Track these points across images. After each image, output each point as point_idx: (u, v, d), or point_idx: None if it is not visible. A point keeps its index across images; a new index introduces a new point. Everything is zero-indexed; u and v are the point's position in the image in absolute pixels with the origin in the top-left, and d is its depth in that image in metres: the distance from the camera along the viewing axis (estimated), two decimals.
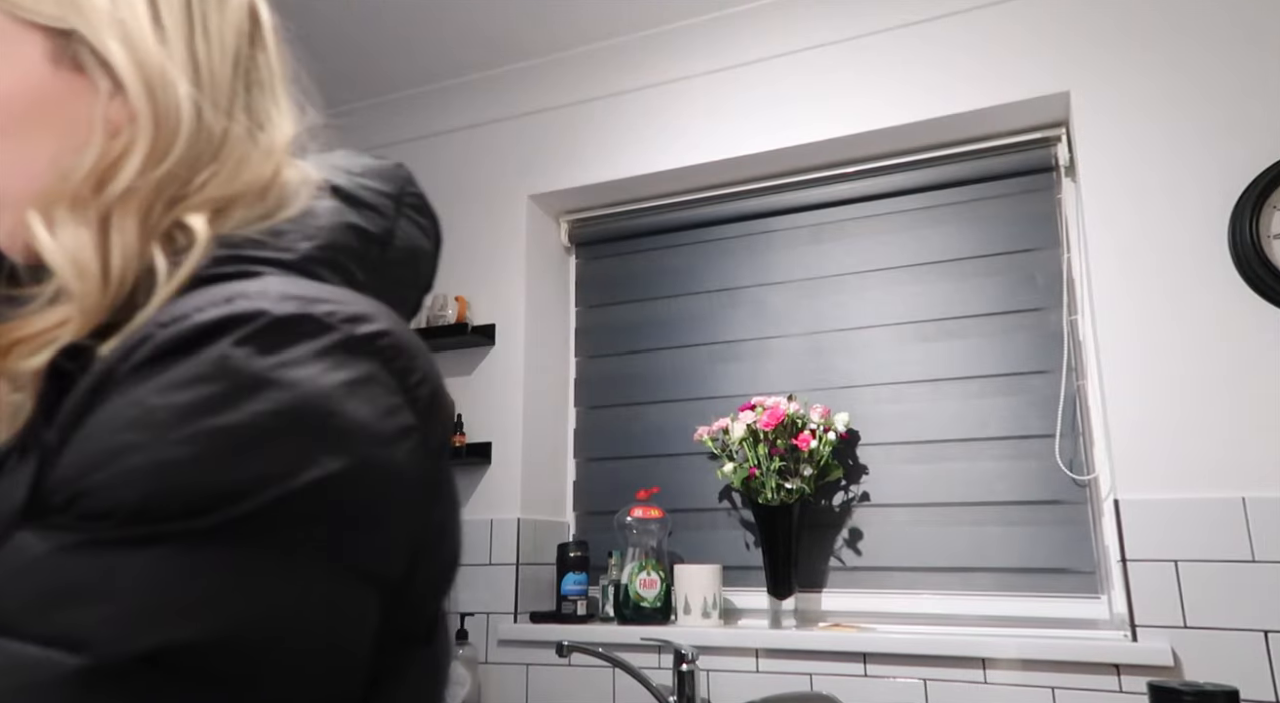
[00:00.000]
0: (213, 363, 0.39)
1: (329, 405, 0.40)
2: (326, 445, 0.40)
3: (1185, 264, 1.59)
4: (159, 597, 0.36)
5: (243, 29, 0.56)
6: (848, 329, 1.99)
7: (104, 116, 0.50)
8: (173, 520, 0.37)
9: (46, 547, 0.37)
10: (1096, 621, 1.67)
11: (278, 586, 0.38)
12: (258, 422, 0.39)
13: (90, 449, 0.39)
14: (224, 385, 0.39)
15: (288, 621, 0.38)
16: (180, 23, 0.52)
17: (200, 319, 0.40)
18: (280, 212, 0.51)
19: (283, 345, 0.40)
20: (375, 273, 0.54)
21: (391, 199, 0.58)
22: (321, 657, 0.39)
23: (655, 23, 2.13)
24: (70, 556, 0.37)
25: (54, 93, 0.51)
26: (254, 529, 0.38)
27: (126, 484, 0.37)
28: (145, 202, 0.49)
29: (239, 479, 0.38)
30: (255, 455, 0.38)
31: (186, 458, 0.37)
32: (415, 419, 0.45)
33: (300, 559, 0.38)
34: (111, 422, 0.39)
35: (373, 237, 0.55)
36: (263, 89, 0.56)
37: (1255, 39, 1.61)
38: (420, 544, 0.45)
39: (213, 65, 0.53)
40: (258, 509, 0.38)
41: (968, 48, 1.84)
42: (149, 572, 0.36)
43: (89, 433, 0.39)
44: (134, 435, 0.38)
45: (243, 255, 0.48)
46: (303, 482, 0.39)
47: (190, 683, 0.35)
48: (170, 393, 0.39)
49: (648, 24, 2.13)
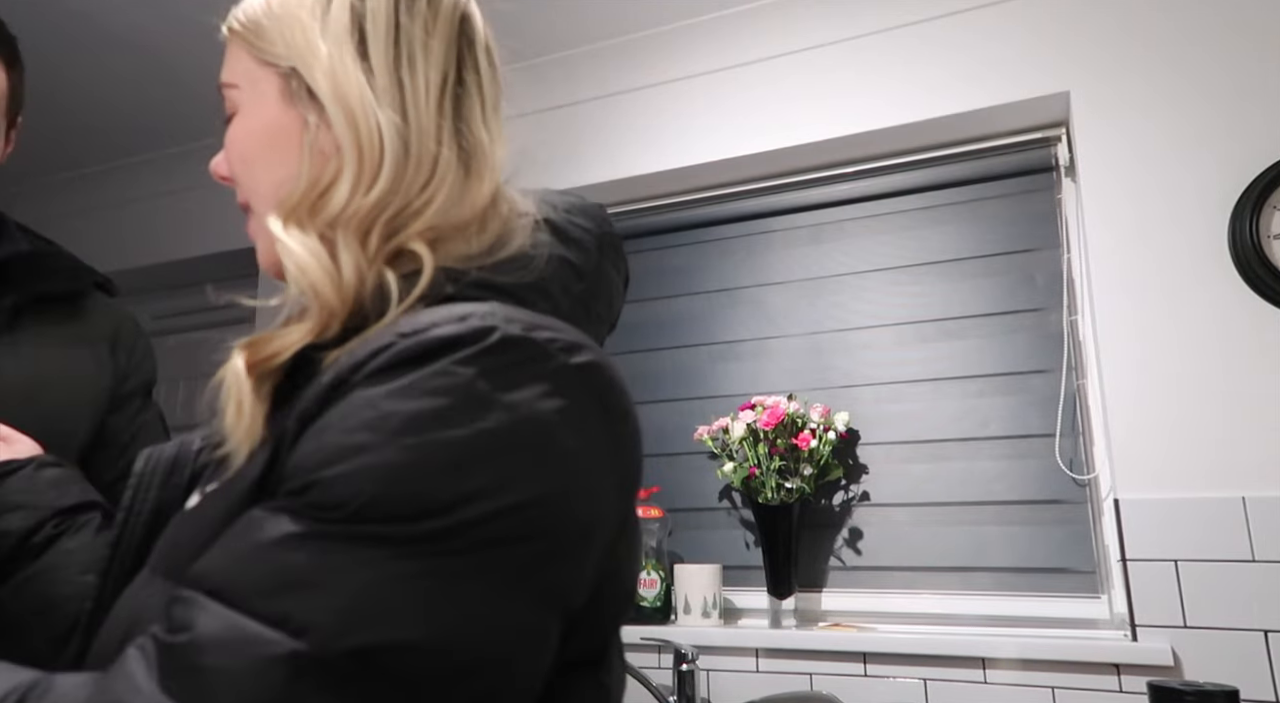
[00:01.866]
0: (444, 376, 0.42)
1: (544, 432, 0.42)
2: (538, 470, 0.42)
3: (1185, 264, 1.59)
4: (376, 597, 0.38)
5: (451, 55, 0.58)
6: (847, 329, 1.99)
7: (315, 145, 0.55)
8: (393, 522, 0.39)
9: (281, 532, 0.40)
10: (1096, 620, 1.67)
11: (479, 599, 0.40)
12: (478, 440, 0.41)
13: (328, 443, 0.41)
14: (452, 400, 0.41)
15: (484, 633, 0.40)
16: (386, 55, 0.55)
17: (438, 333, 0.43)
18: (501, 248, 0.54)
19: (507, 368, 0.43)
20: (578, 305, 0.57)
21: (594, 236, 0.61)
22: (505, 672, 0.41)
23: (655, 23, 2.13)
24: (300, 545, 0.39)
25: (285, 125, 0.56)
26: (464, 542, 0.40)
27: (356, 482, 0.40)
28: (363, 225, 0.52)
29: (455, 491, 0.40)
30: (472, 471, 0.40)
31: (412, 465, 0.40)
32: (618, 454, 0.47)
33: (501, 576, 0.40)
34: (349, 420, 0.42)
35: (579, 270, 0.58)
36: (473, 114, 0.58)
37: (1255, 39, 1.61)
38: (604, 574, 0.47)
39: (418, 94, 0.55)
40: (468, 522, 0.40)
41: (968, 48, 1.84)
42: (371, 571, 0.38)
43: (327, 426, 0.42)
44: (368, 437, 0.40)
45: (469, 280, 0.51)
46: (512, 501, 0.41)
47: (386, 682, 0.37)
48: (404, 400, 0.41)
49: (647, 24, 2.13)
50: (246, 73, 0.59)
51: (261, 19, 0.58)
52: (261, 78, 0.58)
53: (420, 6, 0.57)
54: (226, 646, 0.37)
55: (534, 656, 0.42)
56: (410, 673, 0.38)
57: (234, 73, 0.60)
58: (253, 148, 0.58)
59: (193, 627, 0.38)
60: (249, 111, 0.58)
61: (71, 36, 2.16)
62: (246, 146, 0.59)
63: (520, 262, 0.53)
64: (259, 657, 0.37)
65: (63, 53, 2.22)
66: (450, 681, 0.39)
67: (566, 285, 0.56)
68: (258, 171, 0.58)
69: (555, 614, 0.43)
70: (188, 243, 2.66)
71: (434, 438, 0.40)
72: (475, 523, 0.40)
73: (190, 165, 2.70)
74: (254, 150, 0.58)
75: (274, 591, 0.38)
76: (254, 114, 0.58)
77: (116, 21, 2.10)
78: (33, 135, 2.64)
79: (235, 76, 0.60)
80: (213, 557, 0.42)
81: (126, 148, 2.75)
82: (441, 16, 0.58)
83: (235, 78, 0.59)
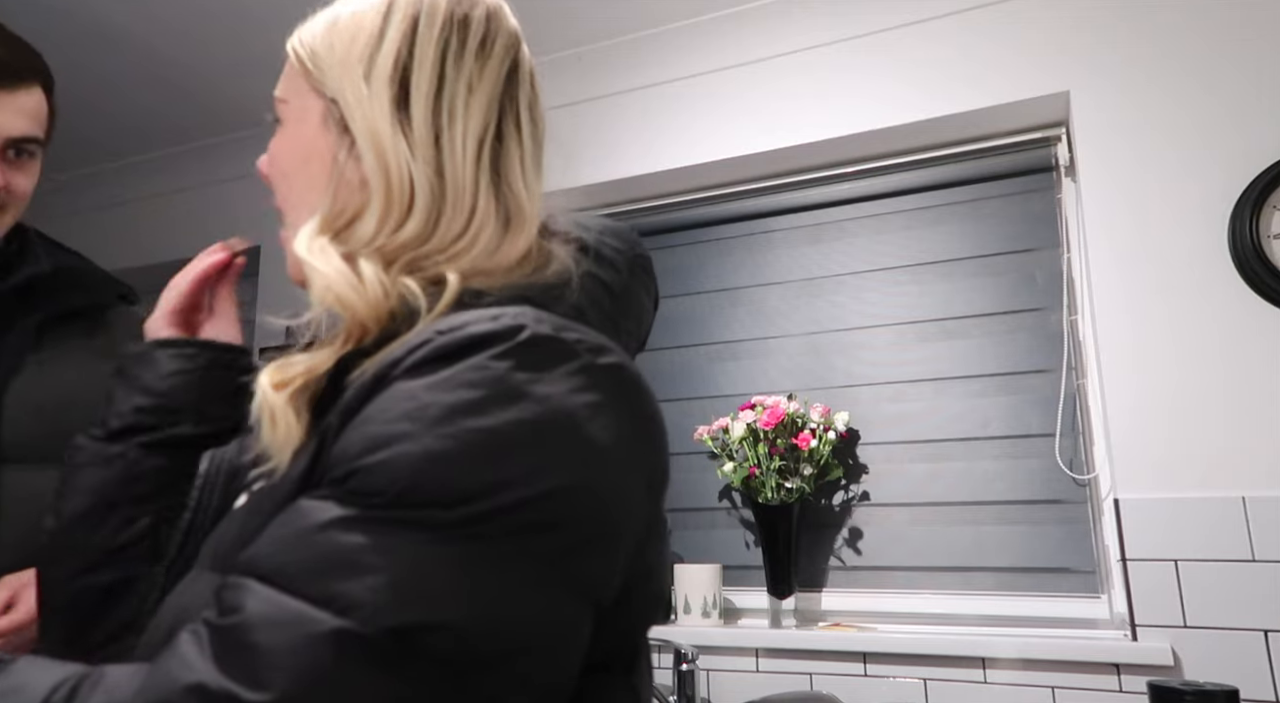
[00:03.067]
0: (479, 370, 0.44)
1: (573, 424, 0.44)
2: (569, 460, 0.44)
3: (1185, 264, 1.59)
4: (418, 578, 0.40)
5: (493, 111, 0.60)
6: (847, 329, 1.99)
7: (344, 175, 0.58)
8: (432, 507, 0.41)
9: (325, 517, 0.42)
10: (1096, 620, 1.67)
11: (513, 583, 0.42)
12: (511, 429, 0.43)
13: (369, 433, 0.44)
14: (486, 392, 0.43)
15: (517, 617, 0.41)
16: (426, 107, 0.57)
17: (473, 330, 0.45)
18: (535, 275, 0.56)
19: (539, 363, 0.45)
20: (608, 321, 0.59)
21: (626, 258, 0.63)
22: (537, 657, 0.43)
23: (654, 23, 2.13)
24: (344, 529, 0.41)
25: (320, 150, 0.60)
26: (497, 527, 0.42)
27: (396, 469, 0.42)
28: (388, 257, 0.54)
29: (490, 479, 0.42)
30: (506, 459, 0.42)
31: (449, 452, 0.42)
32: (645, 453, 0.49)
33: (534, 563, 0.42)
34: (388, 411, 0.44)
35: (609, 289, 0.61)
36: (511, 168, 0.60)
37: (1255, 38, 1.61)
38: (635, 575, 0.49)
39: (455, 148, 0.57)
40: (502, 508, 0.41)
41: (967, 48, 1.84)
42: (410, 553, 0.40)
43: (369, 418, 0.44)
44: (407, 426, 0.43)
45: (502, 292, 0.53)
46: (543, 489, 0.42)
47: (426, 660, 0.39)
48: (441, 392, 0.43)
49: (646, 24, 2.13)
50: (296, 92, 0.62)
51: (318, 47, 0.61)
52: (308, 100, 0.61)
53: (468, 61, 0.59)
54: (275, 625, 0.39)
55: (565, 644, 0.44)
56: (448, 653, 0.40)
57: (286, 89, 0.63)
58: (290, 163, 0.62)
59: (242, 609, 0.41)
60: (291, 128, 0.62)
61: (69, 36, 2.16)
62: (284, 160, 0.63)
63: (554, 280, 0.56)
64: (306, 634, 0.39)
65: (62, 53, 2.22)
66: (487, 662, 0.40)
67: (596, 300, 0.59)
68: (292, 185, 0.62)
69: (586, 606, 0.45)
70: (189, 243, 2.65)
71: (469, 427, 0.42)
72: (508, 509, 0.41)
73: (190, 165, 2.70)
74: (290, 165, 0.62)
75: (319, 572, 0.40)
76: (295, 132, 0.62)
77: (112, 23, 2.11)
78: None
79: (286, 93, 0.63)
80: (260, 545, 0.44)
81: (126, 148, 2.75)
82: (488, 71, 0.60)
83: (286, 94, 0.63)
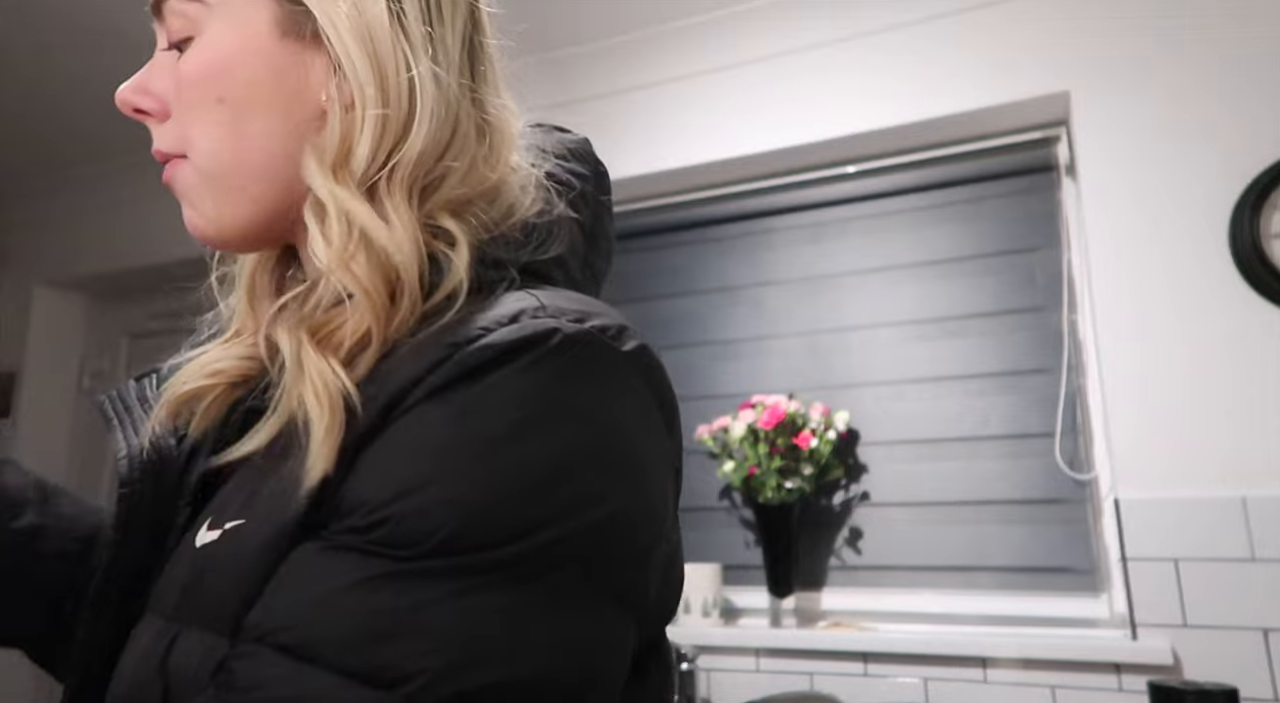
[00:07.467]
0: (511, 388, 0.38)
1: (618, 442, 0.40)
2: (617, 482, 0.40)
3: (1186, 263, 1.59)
4: (471, 636, 0.35)
5: (468, 13, 0.52)
6: (847, 328, 1.99)
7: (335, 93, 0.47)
8: (475, 553, 0.36)
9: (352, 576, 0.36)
10: (1096, 620, 1.67)
11: (572, 619, 0.37)
12: (557, 455, 0.38)
13: (396, 473, 0.38)
14: (523, 413, 0.38)
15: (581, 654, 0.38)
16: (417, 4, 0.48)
17: (494, 340, 0.39)
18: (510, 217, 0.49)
19: (572, 372, 0.40)
20: (586, 267, 0.54)
21: (591, 181, 0.56)
22: (600, 687, 0.39)
23: (654, 22, 2.13)
24: (379, 588, 0.36)
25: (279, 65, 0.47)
26: (548, 562, 0.37)
27: (434, 516, 0.36)
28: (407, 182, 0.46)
29: (540, 514, 0.37)
30: (555, 490, 0.37)
31: (492, 490, 0.37)
32: (673, 445, 0.45)
33: (590, 591, 0.38)
34: (415, 444, 0.38)
35: (586, 231, 0.54)
36: (489, 79, 0.53)
37: (1256, 37, 1.61)
38: (665, 562, 0.45)
39: (448, 49, 0.49)
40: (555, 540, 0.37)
41: (968, 47, 1.84)
42: (458, 609, 0.35)
43: (391, 451, 0.38)
44: (440, 462, 0.37)
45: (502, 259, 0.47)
46: (596, 517, 0.38)
47: None
48: (473, 418, 0.38)
49: (646, 23, 2.13)
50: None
51: None
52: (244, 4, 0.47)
53: None
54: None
55: (622, 663, 0.41)
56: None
57: None
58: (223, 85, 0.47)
59: (264, 686, 0.35)
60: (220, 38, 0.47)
61: (69, 36, 2.16)
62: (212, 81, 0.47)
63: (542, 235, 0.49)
64: None
65: (63, 53, 2.22)
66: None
67: (576, 249, 0.52)
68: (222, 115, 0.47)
69: (634, 617, 0.42)
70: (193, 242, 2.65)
71: (511, 458, 0.37)
72: (560, 541, 0.37)
73: None
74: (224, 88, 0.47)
75: (359, 641, 0.35)
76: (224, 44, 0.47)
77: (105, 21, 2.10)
78: (27, 137, 2.64)
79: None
80: (274, 606, 0.37)
81: (129, 147, 2.75)
82: None
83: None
